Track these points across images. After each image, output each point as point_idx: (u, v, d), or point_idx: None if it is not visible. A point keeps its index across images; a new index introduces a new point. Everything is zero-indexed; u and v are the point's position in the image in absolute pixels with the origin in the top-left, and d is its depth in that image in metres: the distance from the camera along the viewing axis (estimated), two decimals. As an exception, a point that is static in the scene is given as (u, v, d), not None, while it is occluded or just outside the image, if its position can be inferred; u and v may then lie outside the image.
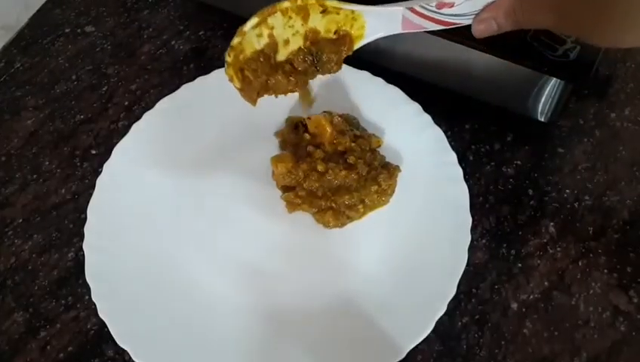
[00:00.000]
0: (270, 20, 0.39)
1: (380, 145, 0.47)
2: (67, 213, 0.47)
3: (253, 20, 0.39)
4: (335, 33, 0.40)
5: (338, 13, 0.40)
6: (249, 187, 0.46)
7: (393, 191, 0.45)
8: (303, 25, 0.40)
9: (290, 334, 0.40)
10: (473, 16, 0.38)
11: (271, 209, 0.45)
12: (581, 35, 0.37)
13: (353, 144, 0.45)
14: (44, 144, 0.51)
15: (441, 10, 0.38)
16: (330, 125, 0.45)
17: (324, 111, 0.47)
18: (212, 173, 0.46)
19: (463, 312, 0.42)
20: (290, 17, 0.39)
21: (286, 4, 0.39)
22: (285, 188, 0.45)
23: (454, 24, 0.39)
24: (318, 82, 0.49)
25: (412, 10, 0.39)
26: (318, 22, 0.40)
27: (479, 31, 0.38)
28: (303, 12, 0.39)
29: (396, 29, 0.40)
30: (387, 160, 0.46)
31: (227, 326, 0.40)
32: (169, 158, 0.46)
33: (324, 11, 0.40)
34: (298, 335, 0.40)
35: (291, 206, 0.44)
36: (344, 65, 0.49)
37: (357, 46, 0.41)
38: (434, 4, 0.38)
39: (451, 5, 0.37)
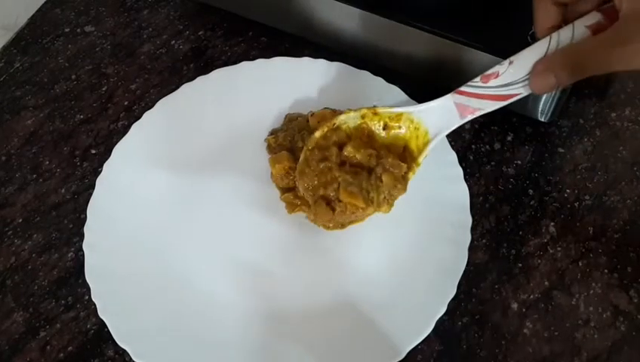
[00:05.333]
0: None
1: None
2: (67, 212, 0.47)
3: (317, 134, 0.42)
4: (404, 150, 0.42)
5: (400, 128, 0.41)
6: (249, 187, 0.46)
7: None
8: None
9: (290, 334, 0.40)
10: (526, 83, 0.36)
11: (271, 209, 0.45)
12: None
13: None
14: (44, 144, 0.51)
15: (489, 84, 0.37)
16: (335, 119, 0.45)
17: (325, 108, 0.47)
18: (212, 174, 0.46)
19: (463, 312, 0.42)
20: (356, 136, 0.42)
21: (343, 117, 0.42)
22: (285, 189, 0.45)
23: (510, 97, 0.37)
24: (318, 83, 0.49)
25: (460, 93, 0.38)
26: (384, 138, 0.42)
27: (538, 86, 0.35)
28: (366, 130, 0.42)
29: (455, 118, 0.40)
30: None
31: (227, 326, 0.40)
32: (169, 158, 0.46)
33: (386, 127, 0.42)
34: (298, 335, 0.40)
35: (291, 206, 0.44)
36: (344, 65, 0.49)
37: (425, 153, 0.41)
38: (478, 79, 0.37)
39: (497, 75, 0.37)
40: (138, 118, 0.47)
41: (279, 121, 0.49)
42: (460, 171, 0.44)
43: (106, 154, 0.45)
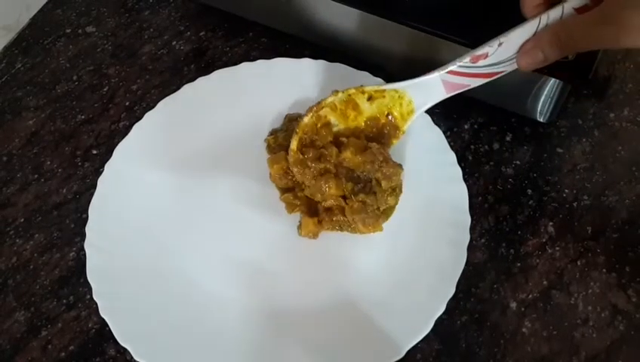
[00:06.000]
0: (323, 115, 0.43)
1: None
2: (68, 212, 0.47)
3: (306, 119, 0.43)
4: (387, 116, 0.43)
5: (384, 97, 0.42)
6: (249, 187, 0.46)
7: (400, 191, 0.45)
8: (357, 115, 0.43)
9: (290, 334, 0.40)
10: (513, 61, 0.38)
11: (271, 209, 0.45)
12: None
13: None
14: (46, 144, 0.51)
15: (478, 64, 0.38)
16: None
17: None
18: (213, 174, 0.46)
19: (462, 311, 0.42)
20: (341, 111, 0.43)
21: (330, 99, 0.42)
22: (284, 189, 0.45)
23: (497, 74, 0.39)
24: (318, 83, 0.50)
25: (449, 72, 0.39)
26: (368, 109, 0.43)
27: (526, 63, 0.37)
28: (352, 103, 0.43)
29: (441, 93, 0.41)
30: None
31: (227, 326, 0.40)
32: (170, 158, 0.47)
33: (371, 98, 0.42)
34: (298, 335, 0.40)
35: (291, 206, 0.44)
36: (344, 66, 0.49)
37: (410, 122, 0.43)
38: (467, 59, 0.38)
39: (486, 56, 0.38)
40: (139, 118, 0.47)
41: (279, 121, 0.49)
42: (459, 171, 0.45)
43: (108, 154, 0.46)
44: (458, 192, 0.44)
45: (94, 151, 0.50)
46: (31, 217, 0.47)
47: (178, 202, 0.45)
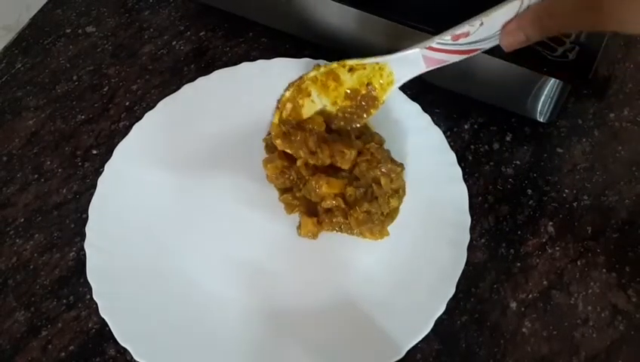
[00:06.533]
0: (305, 87, 0.44)
1: (382, 143, 0.47)
2: (68, 212, 0.47)
3: (287, 93, 0.44)
4: (367, 85, 0.43)
5: (365, 68, 0.43)
6: (249, 187, 0.46)
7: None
8: (337, 86, 0.44)
9: (290, 334, 0.40)
10: (493, 39, 0.38)
11: (271, 209, 0.45)
12: (626, 27, 0.33)
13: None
14: (46, 144, 0.51)
15: (458, 41, 0.39)
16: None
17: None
18: (213, 174, 0.46)
19: (462, 311, 0.42)
20: (322, 82, 0.44)
21: (313, 73, 0.44)
22: (283, 190, 0.45)
23: (476, 50, 0.39)
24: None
25: (430, 48, 0.40)
26: (349, 80, 0.44)
27: (508, 43, 0.38)
28: (332, 75, 0.43)
29: (421, 67, 0.42)
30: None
31: (227, 326, 0.40)
32: (170, 158, 0.47)
33: (351, 70, 0.43)
34: (298, 334, 0.40)
35: (290, 207, 0.44)
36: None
37: (389, 92, 0.44)
38: (448, 37, 0.39)
39: (467, 35, 0.38)
40: (139, 118, 0.47)
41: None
42: (459, 171, 0.45)
43: (108, 154, 0.46)
44: (458, 192, 0.44)
45: (94, 151, 0.50)
46: (31, 217, 0.47)
47: (178, 202, 0.45)
